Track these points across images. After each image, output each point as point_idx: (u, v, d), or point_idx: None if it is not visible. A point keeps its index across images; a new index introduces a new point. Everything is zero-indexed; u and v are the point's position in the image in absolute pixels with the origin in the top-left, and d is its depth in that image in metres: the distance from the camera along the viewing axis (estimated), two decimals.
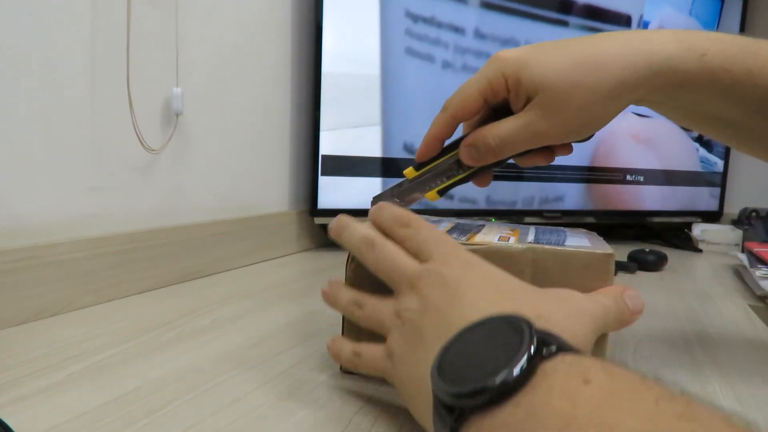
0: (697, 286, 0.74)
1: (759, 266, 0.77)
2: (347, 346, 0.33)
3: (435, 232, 0.32)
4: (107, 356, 0.39)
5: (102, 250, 0.52)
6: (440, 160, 0.39)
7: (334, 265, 0.76)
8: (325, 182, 0.83)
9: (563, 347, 0.20)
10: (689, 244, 1.09)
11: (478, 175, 0.39)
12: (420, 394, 0.26)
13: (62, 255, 0.48)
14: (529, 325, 0.20)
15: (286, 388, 0.35)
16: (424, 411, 0.26)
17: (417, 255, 0.32)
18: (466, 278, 0.29)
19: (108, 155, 0.55)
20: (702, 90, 0.36)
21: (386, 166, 0.87)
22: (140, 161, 0.59)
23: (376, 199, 0.40)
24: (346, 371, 0.37)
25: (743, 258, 0.83)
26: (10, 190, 0.47)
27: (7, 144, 0.46)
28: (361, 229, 0.34)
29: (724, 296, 0.68)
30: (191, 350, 0.41)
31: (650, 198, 1.14)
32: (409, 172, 0.40)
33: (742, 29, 1.23)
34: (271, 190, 0.82)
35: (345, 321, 0.36)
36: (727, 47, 0.36)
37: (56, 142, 0.50)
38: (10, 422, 0.27)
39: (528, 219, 1.00)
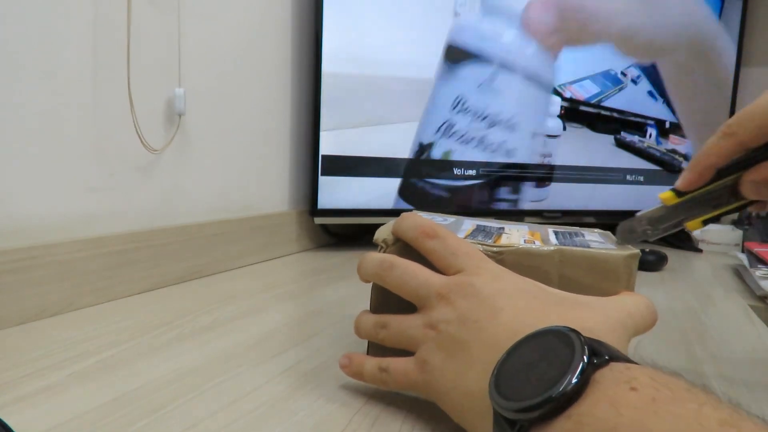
0: (697, 286, 0.74)
1: (759, 266, 0.77)
2: (370, 362, 0.33)
3: (462, 243, 0.32)
4: (107, 356, 0.39)
5: (102, 250, 0.52)
6: (709, 186, 0.35)
7: (334, 265, 0.76)
8: (325, 182, 0.84)
9: (613, 356, 0.20)
10: (689, 244, 1.09)
11: (755, 203, 0.35)
12: (466, 404, 0.27)
13: (62, 255, 0.48)
14: (579, 336, 0.21)
15: (286, 388, 0.35)
16: (471, 419, 0.27)
17: (445, 268, 0.31)
18: (501, 289, 0.29)
19: (109, 155, 0.55)
20: None
21: (388, 167, 0.87)
22: (142, 161, 0.59)
23: (623, 226, 0.37)
24: None
25: (743, 258, 0.83)
26: (11, 191, 0.47)
27: (8, 144, 0.46)
28: (377, 255, 0.34)
29: (724, 296, 0.68)
30: (191, 350, 0.41)
31: (650, 198, 1.14)
32: (668, 197, 0.36)
33: (742, 27, 1.23)
34: (271, 190, 0.82)
35: (370, 344, 0.36)
36: None
37: (57, 143, 0.50)
38: (10, 422, 0.27)
39: (528, 219, 1.00)
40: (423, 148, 0.90)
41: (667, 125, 1.15)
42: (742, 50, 1.24)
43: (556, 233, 0.39)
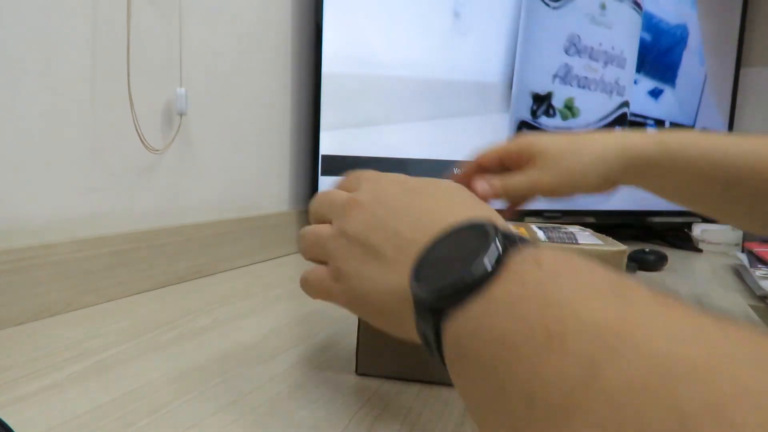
0: (697, 286, 0.74)
1: (759, 266, 0.77)
2: (304, 273, 0.33)
3: (369, 172, 0.33)
4: (107, 356, 0.39)
5: (102, 250, 0.52)
6: None
7: None
8: (325, 182, 0.83)
9: (525, 242, 0.22)
10: (689, 244, 1.09)
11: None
12: (388, 302, 0.26)
13: (62, 255, 0.48)
14: (493, 225, 0.22)
15: (286, 387, 0.35)
16: (387, 320, 0.27)
17: (351, 190, 0.32)
18: (406, 191, 0.29)
19: (109, 156, 0.55)
20: (668, 170, 0.47)
21: (387, 167, 0.87)
22: (142, 162, 0.59)
23: None
24: (360, 373, 0.37)
25: (743, 258, 0.83)
26: (11, 191, 0.47)
27: (8, 145, 0.46)
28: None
29: (724, 296, 0.68)
30: (191, 350, 0.41)
31: (650, 198, 1.14)
32: None
33: (742, 29, 1.23)
34: (271, 190, 0.82)
35: (360, 321, 0.36)
36: (684, 135, 0.48)
37: (57, 143, 0.50)
38: (10, 422, 0.27)
39: (527, 219, 1.00)
40: (540, 99, 0.90)
41: (667, 125, 1.15)
42: (742, 50, 1.24)
43: (543, 229, 0.39)
